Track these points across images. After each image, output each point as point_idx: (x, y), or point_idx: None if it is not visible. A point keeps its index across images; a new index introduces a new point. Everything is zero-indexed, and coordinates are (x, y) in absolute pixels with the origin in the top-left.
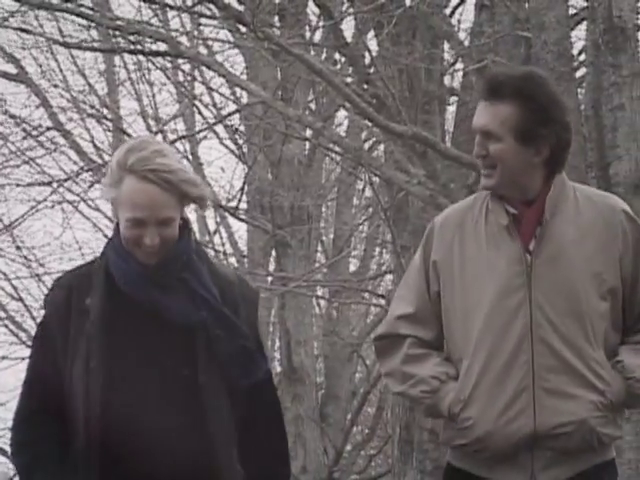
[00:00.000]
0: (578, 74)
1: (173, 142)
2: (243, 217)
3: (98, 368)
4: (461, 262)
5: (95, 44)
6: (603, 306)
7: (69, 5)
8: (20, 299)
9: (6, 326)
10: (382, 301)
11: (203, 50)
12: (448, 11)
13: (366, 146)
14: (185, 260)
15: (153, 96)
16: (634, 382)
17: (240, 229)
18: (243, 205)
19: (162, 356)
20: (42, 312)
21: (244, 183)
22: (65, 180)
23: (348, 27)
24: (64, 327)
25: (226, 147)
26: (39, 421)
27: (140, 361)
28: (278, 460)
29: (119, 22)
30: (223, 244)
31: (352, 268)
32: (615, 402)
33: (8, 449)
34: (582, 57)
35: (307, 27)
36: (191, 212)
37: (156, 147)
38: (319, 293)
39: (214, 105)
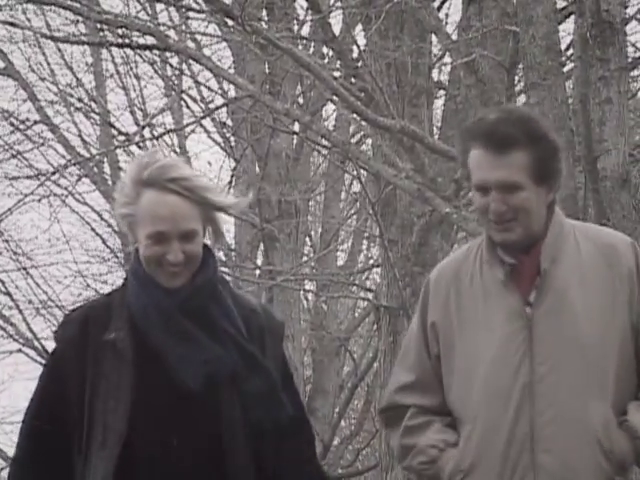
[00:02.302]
0: (566, 68)
1: (161, 136)
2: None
3: (122, 411)
4: (459, 321)
5: (83, 38)
6: (612, 356)
7: None
8: (7, 293)
9: None
10: (370, 295)
11: (191, 44)
12: (436, 5)
13: (354, 140)
14: (211, 289)
15: (141, 90)
16: None
17: (227, 223)
18: None
19: (186, 407)
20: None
21: (232, 177)
22: (53, 173)
23: (336, 21)
24: (81, 363)
25: (214, 141)
26: (41, 464)
27: (164, 404)
28: None
29: (107, 16)
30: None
31: (340, 262)
32: (622, 463)
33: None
34: (570, 51)
35: (295, 21)
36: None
37: (169, 159)
38: (307, 287)
39: (202, 99)
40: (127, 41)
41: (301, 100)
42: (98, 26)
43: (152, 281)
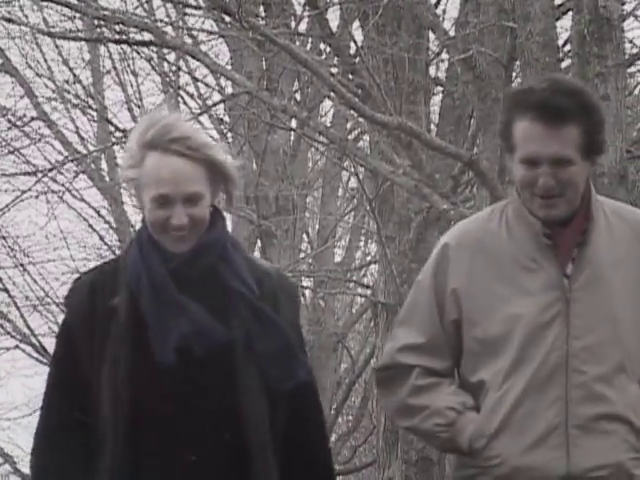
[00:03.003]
0: (563, 64)
1: None
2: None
3: (126, 375)
4: (487, 287)
5: (80, 34)
6: None
7: None
8: (5, 289)
9: None
10: (367, 291)
11: (188, 40)
12: (433, 1)
13: (351, 136)
14: (220, 250)
15: (138, 86)
16: None
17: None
18: None
19: (196, 367)
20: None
21: None
22: (50, 170)
23: (333, 17)
24: (89, 329)
25: (211, 137)
26: (61, 442)
27: (154, 374)
28: (323, 471)
29: (104, 12)
30: None
31: (337, 258)
32: None
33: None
34: (567, 47)
35: (292, 17)
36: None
37: (171, 117)
38: (304, 283)
39: (199, 95)
40: (124, 37)
41: (298, 96)
42: (95, 22)
43: (152, 246)
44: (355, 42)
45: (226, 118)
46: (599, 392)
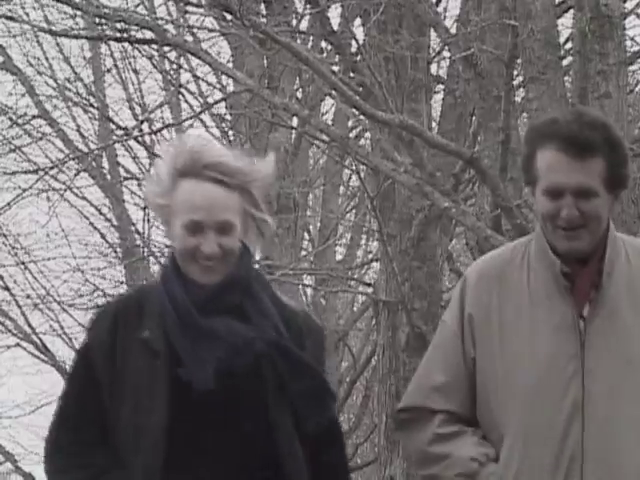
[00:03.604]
0: (565, 62)
1: (159, 130)
2: None
3: (161, 409)
4: (501, 324)
5: (81, 32)
6: None
7: None
8: (6, 287)
9: None
10: (369, 289)
11: (189, 38)
12: None
13: (353, 134)
14: (245, 286)
15: (139, 84)
16: None
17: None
18: None
19: (232, 407)
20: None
21: None
22: (51, 168)
23: (335, 15)
24: (109, 362)
25: (212, 135)
26: (75, 450)
27: (206, 413)
28: None
29: (105, 10)
30: None
31: (339, 256)
32: None
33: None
34: (569, 45)
35: (293, 15)
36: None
37: (201, 141)
38: (306, 281)
39: (200, 93)
40: (125, 35)
41: (300, 94)
42: (96, 20)
43: (176, 276)
44: (356, 40)
45: (227, 116)
46: (619, 438)
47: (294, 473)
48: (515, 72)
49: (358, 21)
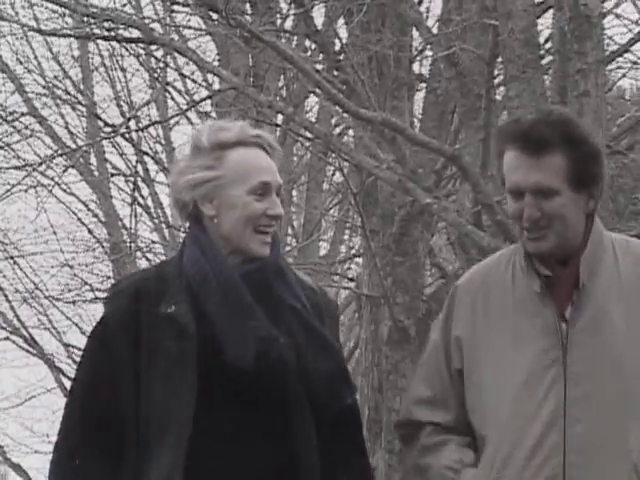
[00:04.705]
0: (544, 61)
1: (146, 127)
2: None
3: (188, 394)
4: (486, 333)
5: (69, 31)
6: None
7: None
8: None
9: None
10: (352, 284)
11: (175, 37)
12: None
13: (336, 132)
14: (277, 265)
15: (126, 82)
16: None
17: None
18: None
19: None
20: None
21: None
22: (40, 164)
23: (318, 15)
24: (132, 339)
25: None
26: (81, 464)
27: (230, 387)
28: None
29: (93, 9)
30: None
31: (322, 251)
32: None
33: None
34: (548, 44)
35: (278, 15)
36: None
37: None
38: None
39: (186, 91)
40: (113, 34)
41: (284, 92)
42: (85, 19)
43: (215, 248)
44: (340, 39)
45: (213, 114)
46: (602, 443)
47: (309, 470)
48: (496, 71)
49: (341, 20)
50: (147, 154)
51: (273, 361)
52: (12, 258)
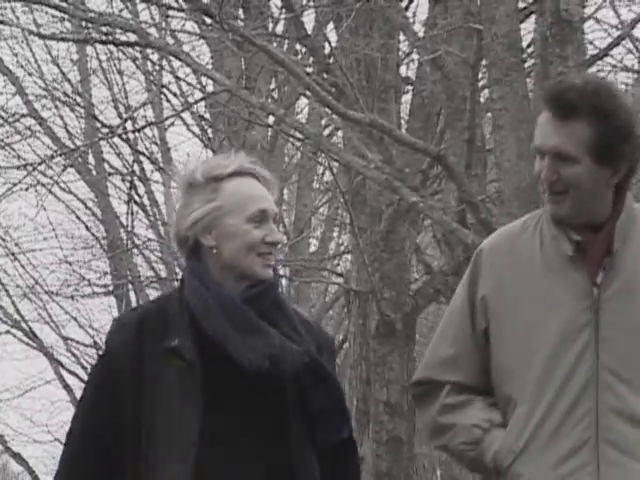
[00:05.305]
0: (527, 65)
1: (142, 128)
2: None
3: (192, 424)
4: (515, 296)
5: (68, 35)
6: None
7: None
8: None
9: None
10: (340, 279)
11: (171, 41)
12: (404, 4)
13: (326, 132)
14: (275, 295)
15: (123, 84)
16: None
17: None
18: None
19: (255, 415)
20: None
21: None
22: (39, 164)
23: (309, 19)
24: (138, 371)
25: (192, 133)
26: None
27: (234, 420)
28: None
29: (91, 14)
30: None
31: (312, 248)
32: None
33: None
34: (531, 49)
35: (270, 19)
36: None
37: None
38: (280, 272)
39: (181, 93)
40: (110, 38)
41: (275, 94)
42: (83, 24)
43: (214, 277)
44: (329, 43)
45: (207, 115)
46: (631, 404)
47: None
48: (480, 74)
49: (331, 25)
50: (143, 154)
51: (287, 371)
52: (13, 254)
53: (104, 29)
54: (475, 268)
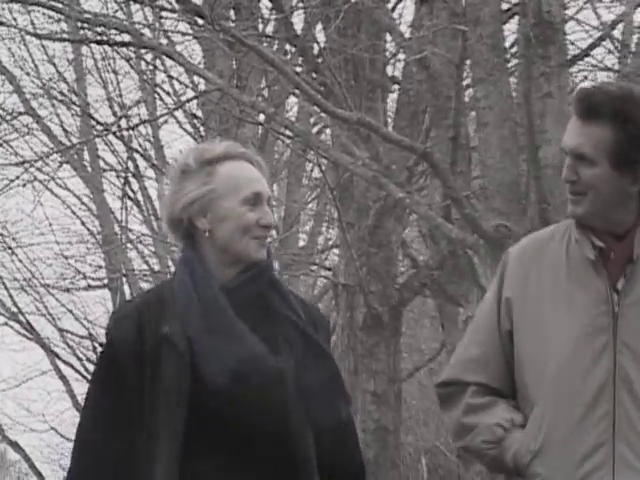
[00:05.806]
0: (510, 65)
1: (136, 126)
2: None
3: (181, 415)
4: (538, 298)
5: (64, 35)
6: None
7: None
8: None
9: None
10: (329, 273)
11: (164, 41)
12: (390, 5)
13: (315, 130)
14: (270, 275)
15: (118, 83)
16: None
17: None
18: None
19: None
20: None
21: None
22: (36, 161)
23: (298, 20)
24: (139, 362)
25: (185, 131)
26: None
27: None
28: None
29: (87, 15)
30: None
31: (301, 243)
32: None
33: None
34: (514, 49)
35: (260, 20)
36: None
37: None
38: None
39: (174, 92)
40: (105, 38)
41: (266, 93)
42: (79, 24)
43: (204, 268)
44: (318, 43)
45: (199, 113)
46: None
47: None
48: (464, 73)
49: (320, 26)
50: (137, 151)
51: (255, 382)
52: (10, 249)
53: (99, 29)
54: (502, 271)
